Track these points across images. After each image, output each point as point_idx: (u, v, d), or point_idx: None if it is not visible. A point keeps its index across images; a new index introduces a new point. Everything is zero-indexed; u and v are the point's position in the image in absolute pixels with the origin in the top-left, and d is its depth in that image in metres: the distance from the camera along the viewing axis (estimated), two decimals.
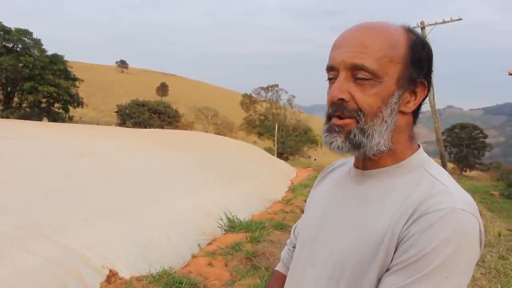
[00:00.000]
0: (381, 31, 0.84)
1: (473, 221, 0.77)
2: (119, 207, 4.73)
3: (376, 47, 0.81)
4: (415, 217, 0.78)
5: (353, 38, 0.84)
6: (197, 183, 6.97)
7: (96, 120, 42.81)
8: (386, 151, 0.86)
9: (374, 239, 0.81)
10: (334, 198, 0.96)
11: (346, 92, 0.82)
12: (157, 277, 3.70)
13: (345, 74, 0.83)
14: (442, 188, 0.81)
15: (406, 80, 0.84)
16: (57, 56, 30.09)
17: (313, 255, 0.93)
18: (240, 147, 13.88)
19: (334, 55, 0.85)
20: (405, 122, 0.87)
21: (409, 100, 0.86)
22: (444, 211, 0.76)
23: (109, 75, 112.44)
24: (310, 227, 0.98)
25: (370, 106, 0.82)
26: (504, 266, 4.61)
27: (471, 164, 41.10)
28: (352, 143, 0.83)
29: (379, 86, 0.82)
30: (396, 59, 0.82)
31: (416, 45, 0.85)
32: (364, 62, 0.81)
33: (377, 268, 0.80)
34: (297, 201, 8.08)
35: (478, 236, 0.78)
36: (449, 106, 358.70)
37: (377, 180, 0.88)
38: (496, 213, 9.54)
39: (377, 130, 0.83)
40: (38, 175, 4.77)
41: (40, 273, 3.06)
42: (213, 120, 44.40)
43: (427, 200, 0.79)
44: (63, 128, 9.79)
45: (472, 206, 0.79)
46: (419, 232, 0.76)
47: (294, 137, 38.99)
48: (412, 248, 0.76)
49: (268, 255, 4.47)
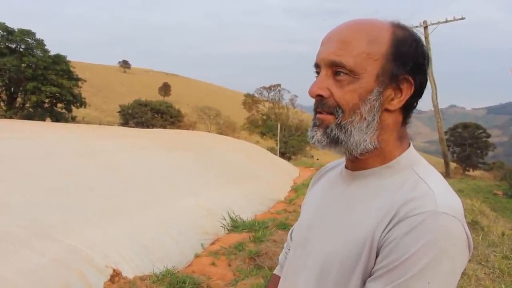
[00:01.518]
0: (363, 27, 0.83)
1: (456, 224, 0.75)
2: (122, 207, 4.74)
3: (355, 44, 0.81)
4: (395, 221, 0.76)
5: (335, 35, 0.84)
6: (200, 183, 6.98)
7: (99, 120, 42.94)
8: (374, 151, 0.84)
9: (358, 242, 0.80)
10: (325, 200, 0.96)
11: (325, 88, 0.83)
12: (161, 276, 3.70)
13: (325, 71, 0.83)
14: (425, 190, 0.79)
15: (387, 77, 0.82)
16: (60, 56, 30.18)
17: (304, 255, 0.93)
18: (242, 147, 13.88)
19: (318, 52, 0.86)
20: (392, 120, 0.85)
21: (393, 97, 0.83)
22: (425, 214, 0.74)
23: (111, 75, 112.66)
24: (302, 229, 0.98)
25: (347, 103, 0.82)
26: (508, 266, 4.59)
27: (474, 163, 40.97)
28: (330, 137, 0.84)
29: (357, 82, 0.81)
30: (376, 55, 0.81)
31: (402, 41, 0.82)
32: (341, 59, 0.80)
33: (361, 272, 0.79)
34: (299, 201, 8.07)
35: (465, 240, 0.76)
36: (452, 106, 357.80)
37: (365, 182, 0.87)
38: (499, 213, 9.50)
39: (357, 127, 0.82)
40: (41, 175, 4.79)
41: (43, 272, 3.07)
42: (216, 120, 44.43)
43: (407, 203, 0.77)
44: (66, 128, 9.81)
45: (456, 209, 0.77)
46: (399, 237, 0.75)
47: (296, 137, 38.98)
48: (392, 253, 0.75)
49: (271, 254, 4.47)
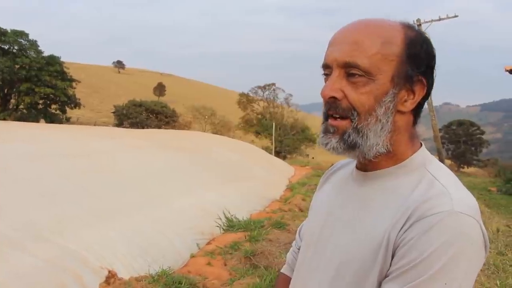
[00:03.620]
0: (376, 28, 0.82)
1: (474, 224, 0.75)
2: (117, 207, 4.72)
3: (369, 44, 0.79)
4: (412, 221, 0.76)
5: (347, 35, 0.82)
6: (195, 183, 6.96)
7: (94, 121, 42.73)
8: (386, 153, 0.84)
9: (374, 244, 0.79)
10: (336, 200, 0.95)
11: (338, 90, 0.81)
12: (156, 277, 3.69)
13: (338, 72, 0.81)
14: (440, 189, 0.78)
15: (402, 78, 0.81)
16: (54, 57, 29.95)
17: (317, 257, 0.92)
18: (237, 146, 13.88)
19: (328, 52, 0.84)
20: (405, 122, 0.85)
21: (406, 99, 0.83)
22: (441, 214, 0.74)
23: (106, 76, 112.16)
24: (314, 229, 0.97)
25: (363, 105, 0.80)
26: (502, 262, 4.62)
27: (468, 160, 41.16)
28: (347, 144, 0.82)
29: (372, 84, 0.80)
30: (390, 56, 0.80)
31: (414, 42, 0.82)
32: (356, 59, 0.79)
33: (377, 273, 0.78)
34: (295, 200, 8.07)
35: (481, 239, 0.75)
36: (446, 103, 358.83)
37: (379, 182, 0.86)
38: (494, 209, 9.55)
39: (372, 130, 0.81)
40: (35, 177, 4.76)
41: (38, 274, 3.05)
42: (211, 120, 44.30)
43: (423, 203, 0.76)
44: (60, 129, 9.76)
45: (472, 208, 0.76)
46: (415, 237, 0.74)
47: (291, 136, 38.98)
48: (409, 254, 0.74)
49: (267, 254, 4.47)
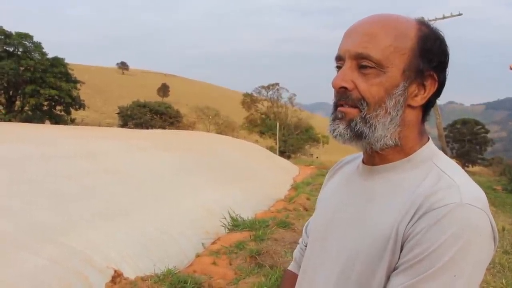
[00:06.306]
0: (390, 22, 0.83)
1: (482, 216, 0.74)
2: (123, 207, 4.74)
3: (383, 37, 0.80)
4: (420, 214, 0.76)
5: (361, 27, 0.83)
6: (200, 182, 6.98)
7: (98, 122, 42.87)
8: (394, 147, 0.84)
9: (381, 237, 0.79)
10: (342, 195, 0.95)
11: (349, 81, 0.81)
12: (162, 277, 3.70)
13: (350, 63, 0.82)
14: (448, 182, 0.78)
15: (413, 72, 0.81)
16: (58, 59, 30.12)
17: (324, 253, 0.92)
18: (242, 146, 13.89)
19: (341, 44, 0.85)
20: (415, 117, 0.85)
21: (417, 94, 0.83)
22: (450, 206, 0.73)
23: (110, 77, 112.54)
24: (320, 225, 0.98)
25: (373, 96, 0.81)
26: (508, 261, 4.60)
27: (473, 159, 41.01)
28: (354, 131, 0.82)
29: (383, 76, 0.80)
30: (403, 50, 0.80)
31: (427, 37, 0.82)
32: (368, 51, 0.80)
33: (385, 266, 0.78)
34: (300, 199, 8.07)
35: (490, 232, 0.75)
36: (450, 102, 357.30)
37: (385, 176, 0.86)
38: (499, 208, 9.52)
39: (381, 122, 0.81)
40: (41, 177, 4.79)
41: (44, 274, 3.07)
42: (215, 120, 44.35)
43: (432, 195, 0.77)
44: (66, 130, 9.81)
45: (481, 200, 0.76)
46: (424, 229, 0.74)
47: (295, 136, 38.97)
48: (417, 247, 0.74)
49: (272, 253, 4.47)
